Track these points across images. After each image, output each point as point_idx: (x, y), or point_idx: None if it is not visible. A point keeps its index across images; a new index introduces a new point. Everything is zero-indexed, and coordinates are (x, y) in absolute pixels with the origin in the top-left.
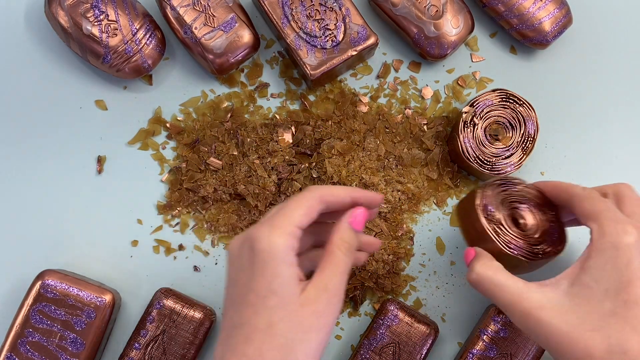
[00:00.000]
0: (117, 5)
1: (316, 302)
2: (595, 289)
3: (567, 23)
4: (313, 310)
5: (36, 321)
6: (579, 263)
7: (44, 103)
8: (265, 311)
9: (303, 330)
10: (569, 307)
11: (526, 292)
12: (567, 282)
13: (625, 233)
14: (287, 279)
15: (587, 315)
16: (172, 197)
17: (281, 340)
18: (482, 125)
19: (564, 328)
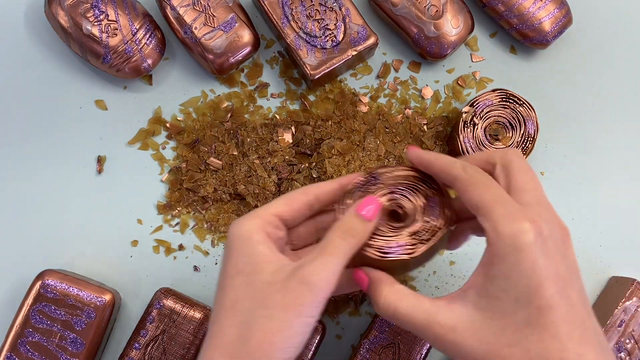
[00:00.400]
0: (117, 5)
1: (287, 281)
2: (505, 300)
3: (567, 23)
4: (279, 288)
5: (36, 321)
6: (481, 270)
7: (44, 103)
8: (232, 290)
9: (265, 307)
10: (481, 323)
11: (435, 315)
12: (474, 293)
13: (523, 232)
14: (254, 257)
15: (502, 330)
16: (172, 197)
17: (242, 317)
18: (482, 125)
19: (481, 348)
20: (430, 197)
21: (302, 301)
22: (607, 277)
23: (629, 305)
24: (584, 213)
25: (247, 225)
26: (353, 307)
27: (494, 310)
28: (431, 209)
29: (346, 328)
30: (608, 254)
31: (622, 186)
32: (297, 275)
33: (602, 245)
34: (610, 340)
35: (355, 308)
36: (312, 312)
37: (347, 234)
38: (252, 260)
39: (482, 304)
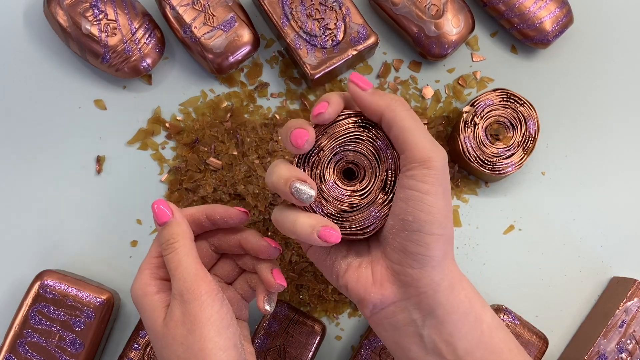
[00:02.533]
0: (116, 5)
1: (172, 313)
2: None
3: (568, 22)
4: (174, 323)
5: (35, 322)
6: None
7: (43, 103)
8: (154, 347)
9: (174, 347)
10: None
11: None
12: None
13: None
14: (147, 312)
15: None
16: (171, 197)
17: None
18: (482, 125)
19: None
20: (377, 139)
21: (204, 316)
22: (609, 277)
23: (630, 305)
24: (585, 213)
25: (134, 286)
26: (353, 308)
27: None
28: (384, 152)
29: (346, 329)
30: (609, 254)
31: (623, 186)
32: (176, 304)
33: (603, 245)
34: (611, 341)
35: (354, 309)
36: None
37: (163, 243)
38: (147, 316)
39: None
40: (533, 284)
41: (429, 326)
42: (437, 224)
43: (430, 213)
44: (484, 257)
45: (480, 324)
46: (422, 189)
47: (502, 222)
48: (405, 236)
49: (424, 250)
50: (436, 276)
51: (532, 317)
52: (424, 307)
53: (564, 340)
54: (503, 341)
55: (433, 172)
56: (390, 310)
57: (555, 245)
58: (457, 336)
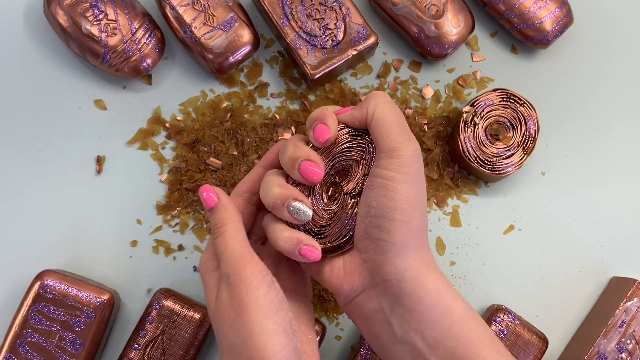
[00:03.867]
0: (116, 5)
1: (221, 295)
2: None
3: (568, 23)
4: (223, 305)
5: (35, 322)
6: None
7: (43, 103)
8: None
9: (224, 329)
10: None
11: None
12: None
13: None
14: (206, 288)
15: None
16: (171, 197)
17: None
18: (482, 125)
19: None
20: (369, 144)
21: (251, 300)
22: (608, 277)
23: (630, 305)
24: (584, 213)
25: (200, 260)
26: None
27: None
28: (369, 157)
29: (346, 329)
30: (609, 254)
31: (623, 186)
32: (223, 287)
33: (603, 245)
34: (611, 341)
35: None
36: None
37: (212, 228)
38: (205, 292)
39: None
40: (533, 284)
41: (397, 315)
42: (399, 211)
43: (393, 199)
44: (484, 257)
45: (450, 315)
46: (386, 176)
47: (502, 222)
48: (369, 222)
49: (385, 236)
50: (399, 264)
51: (532, 317)
52: (390, 295)
53: (564, 340)
54: (474, 332)
55: (398, 161)
56: (360, 299)
57: (555, 245)
58: (425, 325)
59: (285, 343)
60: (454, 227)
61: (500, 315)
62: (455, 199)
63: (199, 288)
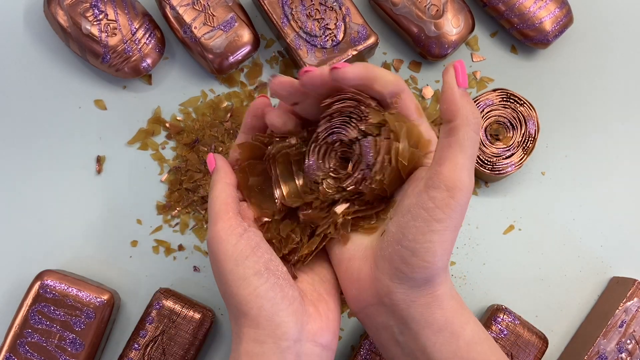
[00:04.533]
0: (116, 5)
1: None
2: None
3: (568, 23)
4: (210, 260)
5: (35, 322)
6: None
7: (43, 103)
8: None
9: (217, 283)
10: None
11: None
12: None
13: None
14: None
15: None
16: (171, 197)
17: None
18: (482, 125)
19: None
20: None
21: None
22: (608, 277)
23: (630, 305)
24: (584, 213)
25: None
26: None
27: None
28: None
29: (346, 329)
30: (609, 254)
31: (623, 186)
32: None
33: (603, 245)
34: (611, 341)
35: None
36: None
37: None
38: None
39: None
40: (533, 284)
41: (404, 334)
42: (431, 253)
43: (430, 241)
44: (484, 257)
45: (456, 340)
46: (435, 216)
47: (502, 222)
48: (397, 250)
49: (407, 270)
50: (412, 294)
51: (532, 317)
52: (397, 317)
53: (564, 340)
54: (481, 355)
55: (454, 204)
56: (370, 311)
57: (555, 245)
58: (432, 349)
59: (257, 283)
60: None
61: (500, 315)
62: None
63: (199, 288)
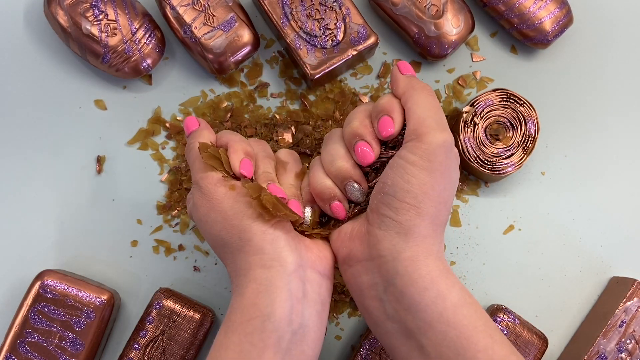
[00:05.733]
0: (116, 5)
1: (194, 197)
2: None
3: (568, 23)
4: (197, 207)
5: (35, 321)
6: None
7: (43, 103)
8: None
9: (204, 226)
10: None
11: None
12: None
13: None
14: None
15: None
16: (171, 197)
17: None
18: (482, 125)
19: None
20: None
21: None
22: (608, 277)
23: (629, 305)
24: (584, 213)
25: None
26: (353, 308)
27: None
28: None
29: (346, 329)
30: (609, 254)
31: (623, 186)
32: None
33: (602, 245)
34: (611, 341)
35: (354, 309)
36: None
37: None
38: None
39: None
40: (533, 284)
41: (389, 293)
42: (411, 194)
43: (408, 182)
44: (484, 257)
45: (442, 301)
46: (408, 159)
47: (502, 222)
48: (381, 198)
49: (391, 214)
50: (398, 243)
51: (532, 317)
52: (383, 272)
53: (564, 340)
54: (468, 318)
55: (425, 147)
56: (357, 269)
57: (555, 245)
58: (416, 308)
59: (254, 216)
60: (453, 227)
61: (500, 315)
62: (455, 199)
63: (199, 288)
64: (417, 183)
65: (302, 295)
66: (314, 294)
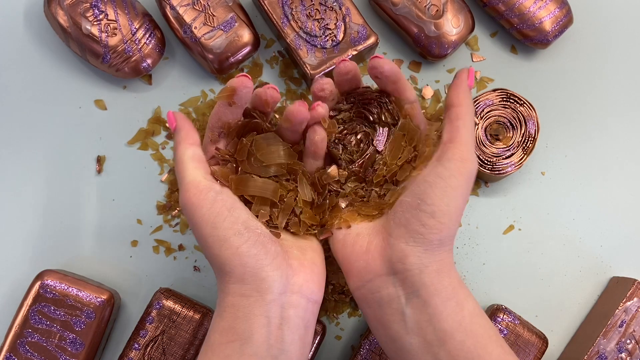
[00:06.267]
0: (116, 5)
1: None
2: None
3: (568, 23)
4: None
5: (35, 321)
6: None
7: (43, 103)
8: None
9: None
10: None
11: None
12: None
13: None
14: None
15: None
16: (171, 197)
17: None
18: (482, 125)
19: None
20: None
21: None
22: (608, 277)
23: (629, 305)
24: (584, 213)
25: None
26: (353, 308)
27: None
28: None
29: (346, 329)
30: (609, 254)
31: (623, 186)
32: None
33: (602, 245)
34: (611, 341)
35: (354, 309)
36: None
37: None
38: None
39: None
40: (533, 284)
41: (412, 305)
42: (447, 216)
43: (448, 205)
44: (484, 257)
45: (461, 310)
46: (452, 183)
47: (502, 222)
48: (415, 214)
49: (425, 231)
50: (426, 258)
51: (532, 317)
52: (408, 285)
53: (564, 340)
54: (483, 328)
55: (466, 173)
56: (375, 285)
57: (555, 245)
58: (438, 318)
59: (238, 243)
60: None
61: (500, 315)
62: None
63: (199, 288)
64: (454, 205)
65: (281, 321)
66: (297, 319)
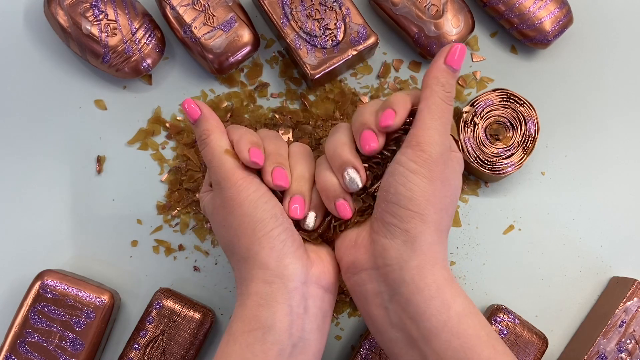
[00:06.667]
0: (116, 5)
1: (214, 201)
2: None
3: (568, 23)
4: (217, 210)
5: (35, 321)
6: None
7: (43, 103)
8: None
9: (221, 231)
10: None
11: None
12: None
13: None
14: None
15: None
16: (171, 197)
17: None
18: (482, 125)
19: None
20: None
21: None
22: (608, 277)
23: (629, 305)
24: (584, 213)
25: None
26: (353, 308)
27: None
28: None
29: (346, 328)
30: (609, 254)
31: (623, 186)
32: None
33: (602, 245)
34: (611, 341)
35: (354, 309)
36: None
37: (197, 139)
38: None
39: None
40: (533, 284)
41: (394, 302)
42: (414, 202)
43: (410, 190)
44: (484, 257)
45: (447, 310)
46: (409, 167)
47: (502, 222)
48: (385, 206)
49: (397, 222)
50: (405, 252)
51: (532, 317)
52: (389, 281)
53: (564, 340)
54: (472, 328)
55: (425, 156)
56: (361, 278)
57: (555, 245)
58: (421, 317)
59: (273, 225)
60: (453, 227)
61: (500, 315)
62: None
63: (199, 288)
64: (419, 191)
65: (303, 310)
66: (315, 309)
